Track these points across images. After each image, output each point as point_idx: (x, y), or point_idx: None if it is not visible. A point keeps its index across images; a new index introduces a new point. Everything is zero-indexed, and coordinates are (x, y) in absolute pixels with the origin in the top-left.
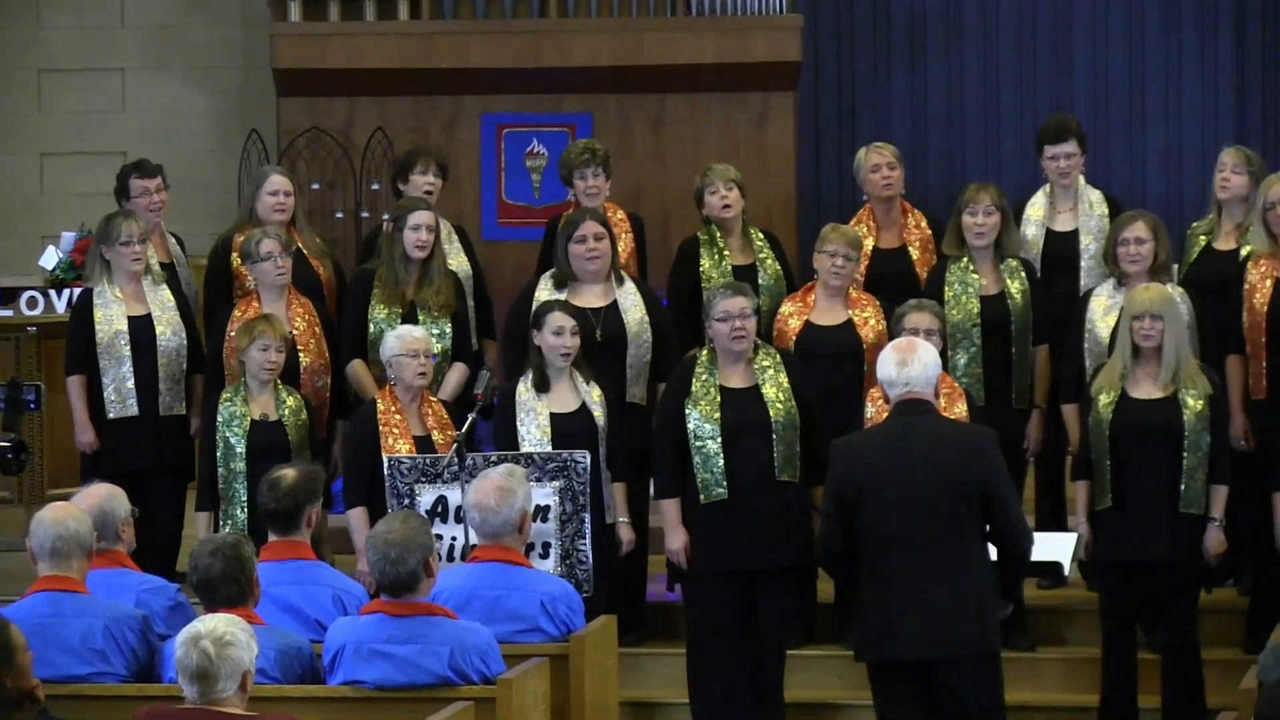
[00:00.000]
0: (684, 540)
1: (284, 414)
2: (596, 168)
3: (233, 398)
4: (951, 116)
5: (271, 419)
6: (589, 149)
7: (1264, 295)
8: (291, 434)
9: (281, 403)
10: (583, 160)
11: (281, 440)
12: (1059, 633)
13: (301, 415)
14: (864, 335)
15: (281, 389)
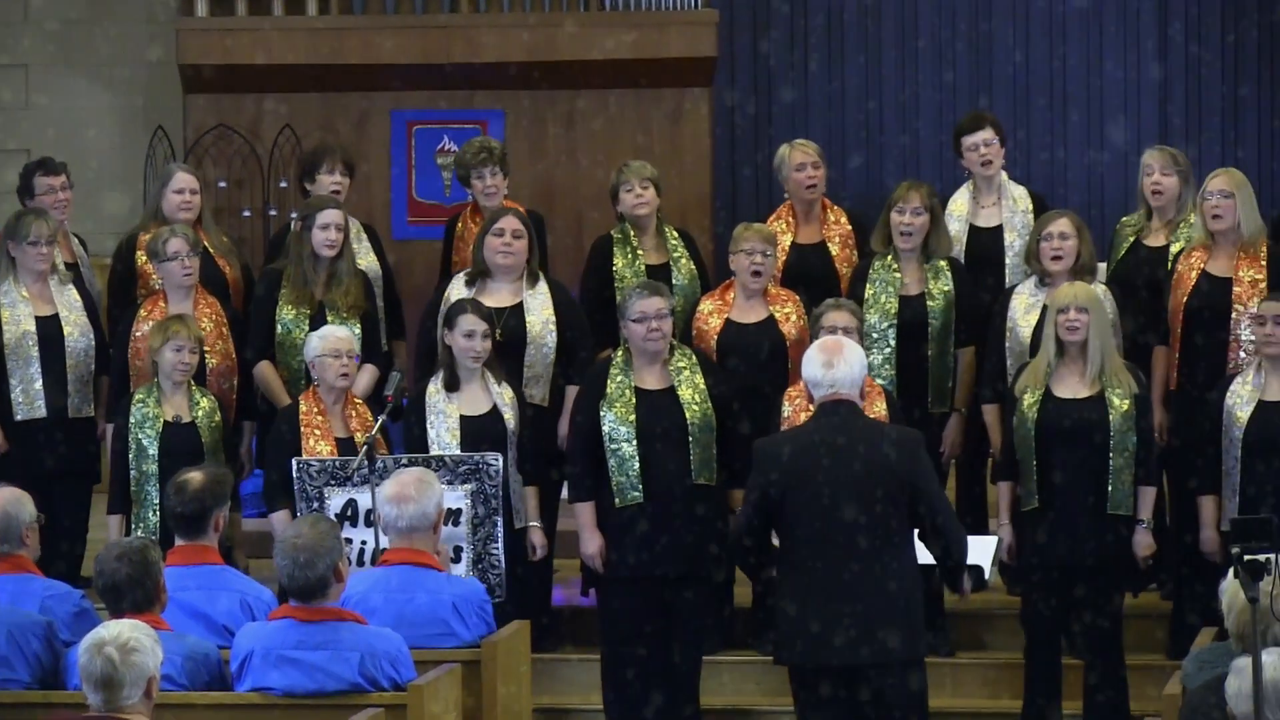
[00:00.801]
0: (599, 545)
1: (198, 415)
2: (494, 167)
3: (145, 399)
4: (869, 113)
5: (185, 421)
6: (485, 148)
7: (1186, 287)
8: (205, 436)
9: (195, 404)
10: (479, 159)
11: (195, 442)
12: (979, 637)
13: (215, 417)
14: (785, 332)
15: (195, 390)
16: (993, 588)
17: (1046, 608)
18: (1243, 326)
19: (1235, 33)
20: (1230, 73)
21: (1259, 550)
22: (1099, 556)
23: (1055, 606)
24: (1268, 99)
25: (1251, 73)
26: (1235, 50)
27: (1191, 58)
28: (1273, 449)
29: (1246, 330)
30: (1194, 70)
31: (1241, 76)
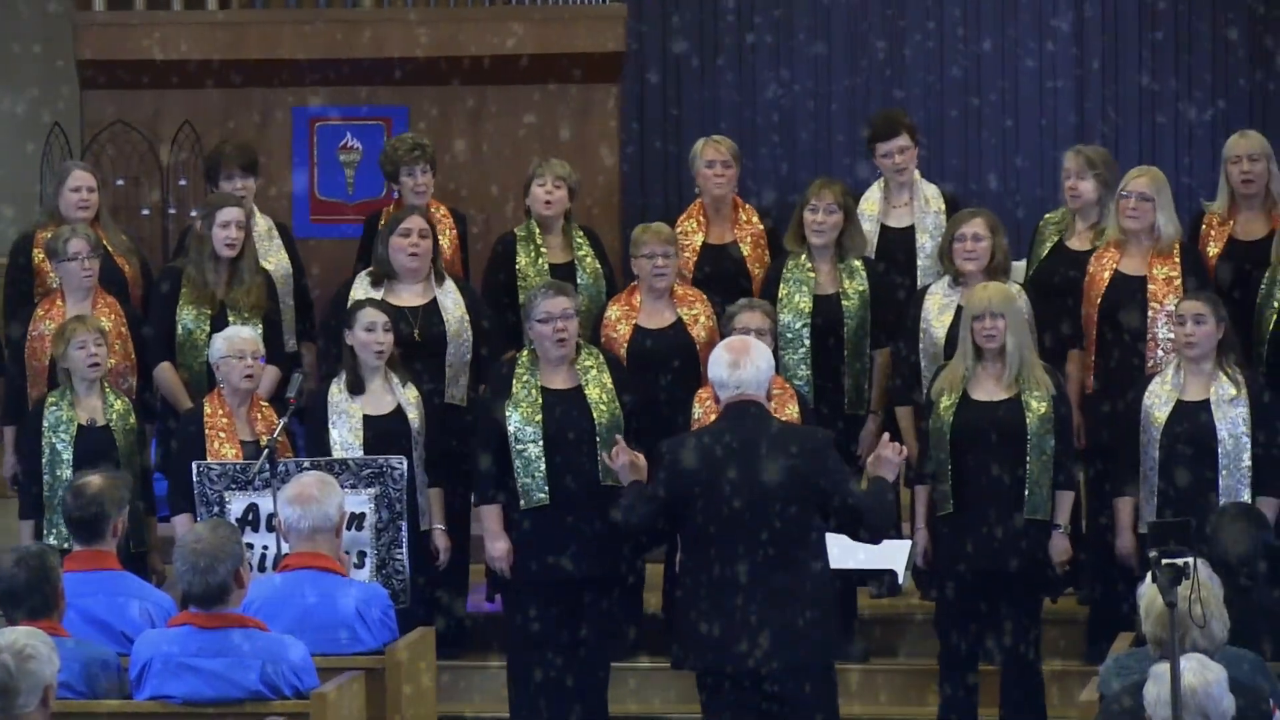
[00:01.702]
0: (505, 548)
1: (112, 418)
2: (425, 165)
3: (59, 402)
4: (781, 109)
5: (99, 424)
6: (418, 145)
7: (1100, 287)
8: (120, 439)
9: (109, 406)
10: (412, 157)
11: (109, 446)
12: (893, 643)
13: (130, 420)
14: (695, 335)
15: (109, 392)
16: (907, 593)
17: (962, 613)
18: (1159, 325)
19: (1153, 27)
20: (1148, 66)
21: (1177, 554)
22: (1015, 561)
23: (971, 612)
24: (1185, 92)
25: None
26: (1153, 45)
27: (1108, 52)
28: (1191, 450)
29: (1164, 329)
30: (1110, 65)
31: (1159, 70)
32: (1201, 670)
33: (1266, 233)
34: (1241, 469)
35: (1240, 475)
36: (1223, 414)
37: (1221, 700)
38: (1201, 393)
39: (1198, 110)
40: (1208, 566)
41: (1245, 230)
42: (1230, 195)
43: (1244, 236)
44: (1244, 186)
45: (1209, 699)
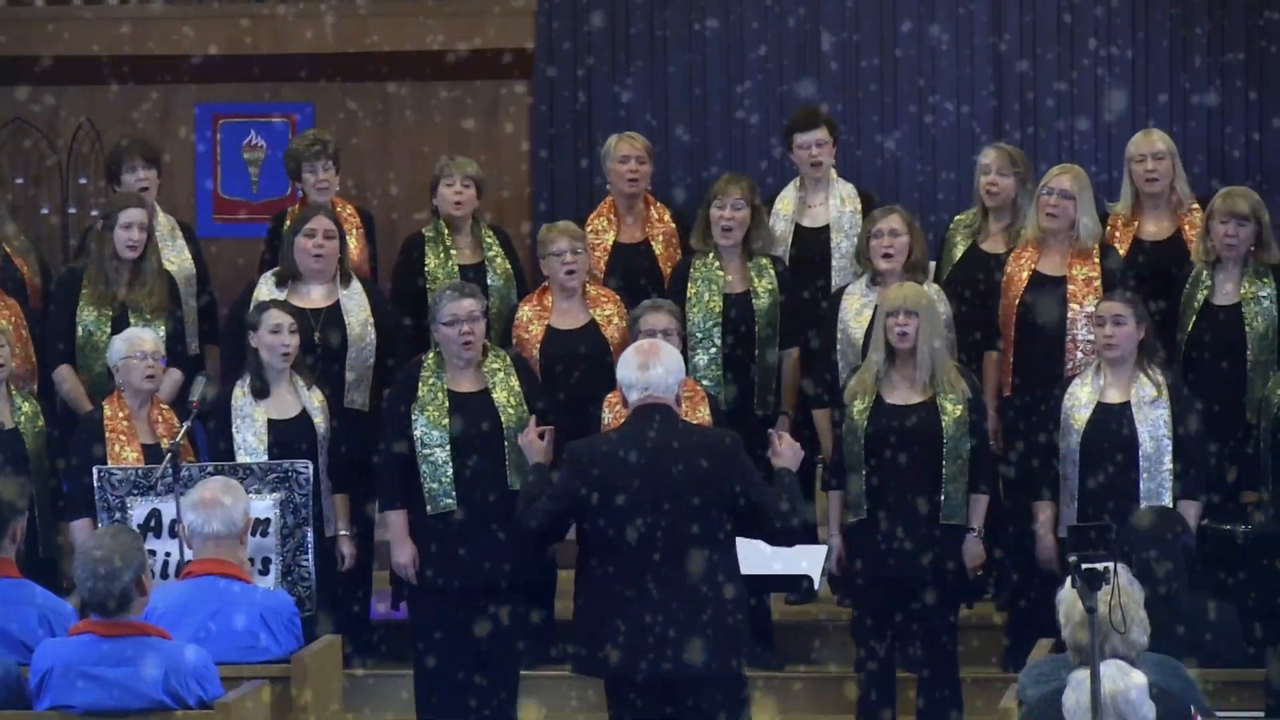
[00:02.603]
0: (411, 554)
1: (20, 421)
2: (327, 161)
3: None
4: (694, 106)
5: (8, 426)
6: (319, 140)
7: (1018, 288)
8: (29, 443)
9: (17, 409)
10: (313, 153)
11: (19, 450)
12: (808, 650)
13: (39, 423)
14: (609, 335)
15: (16, 394)
16: (822, 599)
17: (877, 619)
18: (1079, 327)
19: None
20: (1066, 52)
21: (1097, 558)
22: (931, 566)
23: (886, 618)
24: (1104, 85)
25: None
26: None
27: (1026, 47)
28: (1112, 452)
29: (1083, 330)
30: (1029, 55)
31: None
32: (1121, 676)
33: (1172, 232)
34: (1162, 472)
35: (1161, 478)
36: (1144, 416)
37: (1141, 706)
38: (1122, 395)
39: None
40: (1128, 571)
41: (1150, 230)
42: (1134, 195)
43: (1149, 237)
44: (1148, 185)
45: (1128, 705)
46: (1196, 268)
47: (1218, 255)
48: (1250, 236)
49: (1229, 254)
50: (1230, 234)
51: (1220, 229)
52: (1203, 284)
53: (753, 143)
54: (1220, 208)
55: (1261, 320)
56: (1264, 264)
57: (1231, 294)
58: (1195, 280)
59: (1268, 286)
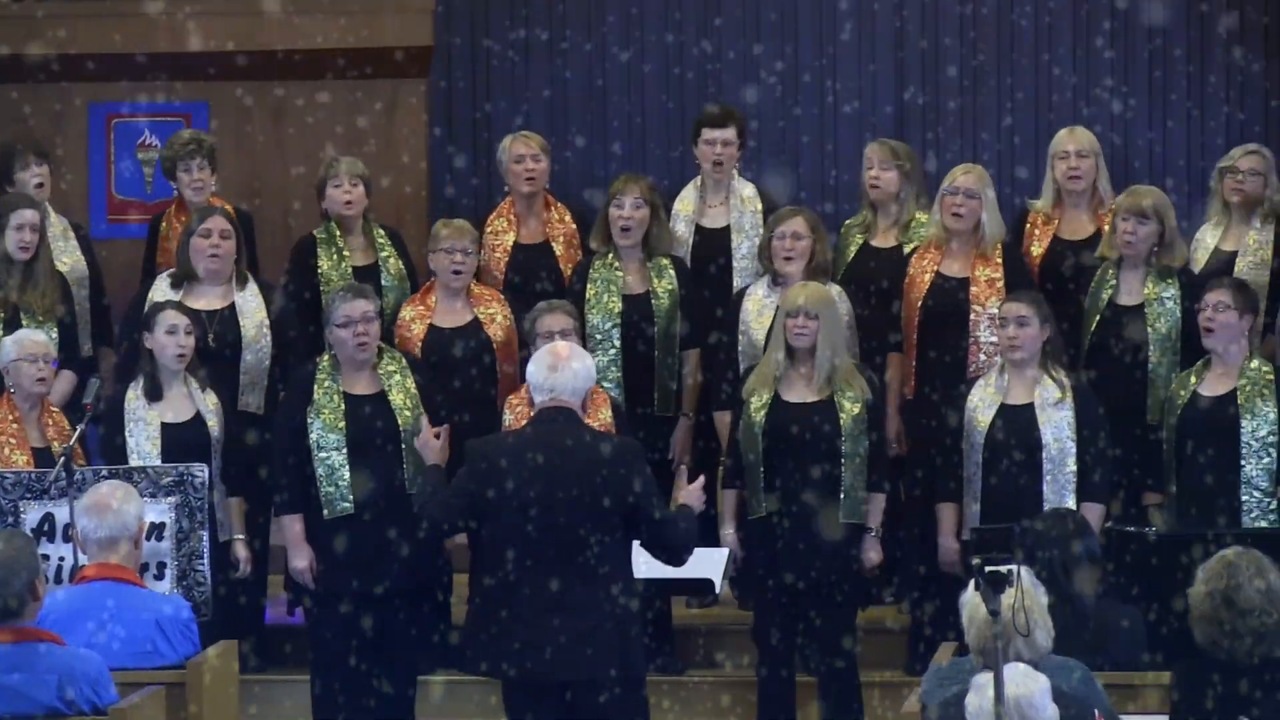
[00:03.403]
0: (308, 558)
1: None
2: (202, 160)
3: None
4: (594, 105)
5: None
6: (195, 139)
7: (921, 289)
8: None
9: None
10: (188, 152)
11: None
12: (710, 654)
13: None
14: (492, 334)
15: None
16: (724, 602)
17: (778, 621)
18: (982, 328)
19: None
20: (969, 49)
21: (1000, 561)
22: (829, 567)
23: (787, 620)
24: (1006, 82)
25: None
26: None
27: (929, 45)
28: (1015, 454)
29: (986, 332)
30: (930, 56)
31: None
32: (1025, 680)
33: (1092, 232)
34: (1066, 474)
35: (1065, 480)
36: (1047, 418)
37: (1044, 710)
38: (1025, 396)
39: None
40: (1031, 574)
41: (1070, 229)
42: (1056, 193)
43: (1069, 235)
44: (1071, 183)
45: (1032, 708)
46: (1102, 267)
47: (1120, 254)
48: (1151, 236)
49: (1128, 251)
50: (1130, 231)
51: (1122, 226)
52: (1107, 284)
53: (653, 145)
54: (1123, 205)
55: (1164, 321)
56: (1167, 266)
57: (1136, 294)
58: (1100, 280)
59: (1171, 288)
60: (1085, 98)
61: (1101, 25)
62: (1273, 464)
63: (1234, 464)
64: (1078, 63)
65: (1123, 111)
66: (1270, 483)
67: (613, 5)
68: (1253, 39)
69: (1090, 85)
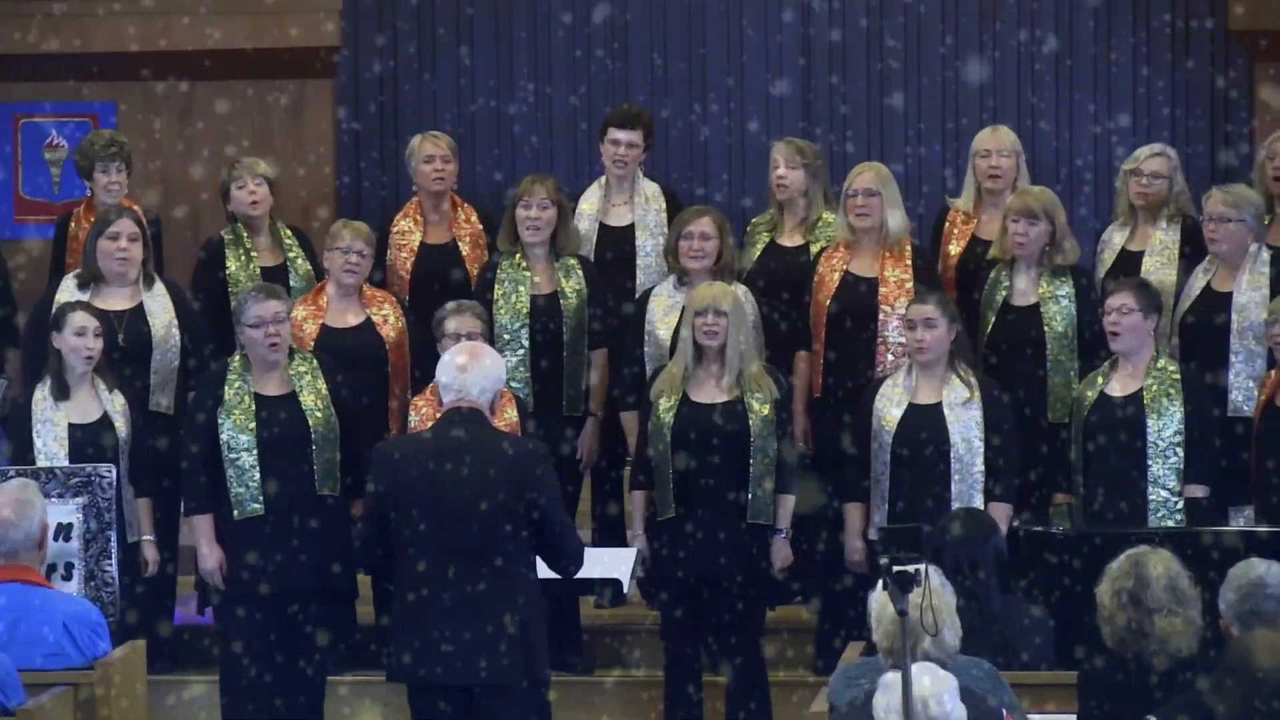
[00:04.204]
0: (218, 559)
1: None
2: (120, 163)
3: None
4: (501, 106)
5: None
6: (114, 141)
7: (829, 289)
8: None
9: None
10: (108, 154)
11: None
12: (618, 654)
13: None
14: (385, 335)
15: None
16: (632, 602)
17: (685, 621)
18: (890, 328)
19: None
20: (876, 46)
21: (908, 560)
22: (737, 567)
23: (694, 620)
24: (914, 79)
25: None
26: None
27: (835, 45)
28: (923, 454)
29: (894, 332)
30: (837, 58)
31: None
32: (932, 679)
33: None
34: (974, 474)
35: (973, 480)
36: (955, 418)
37: (952, 709)
38: (934, 396)
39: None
40: (940, 574)
41: (990, 229)
42: (976, 191)
43: (988, 235)
44: (991, 182)
45: (940, 708)
46: (996, 268)
47: (1013, 255)
48: (1043, 236)
49: (1021, 252)
50: (1020, 233)
51: (1012, 228)
52: (1001, 284)
53: (560, 142)
54: (1013, 207)
55: (1060, 320)
56: (1060, 264)
57: (1030, 294)
58: (994, 281)
59: (1066, 285)
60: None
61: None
62: (1180, 463)
63: (1141, 464)
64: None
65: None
66: (1177, 482)
67: (520, 6)
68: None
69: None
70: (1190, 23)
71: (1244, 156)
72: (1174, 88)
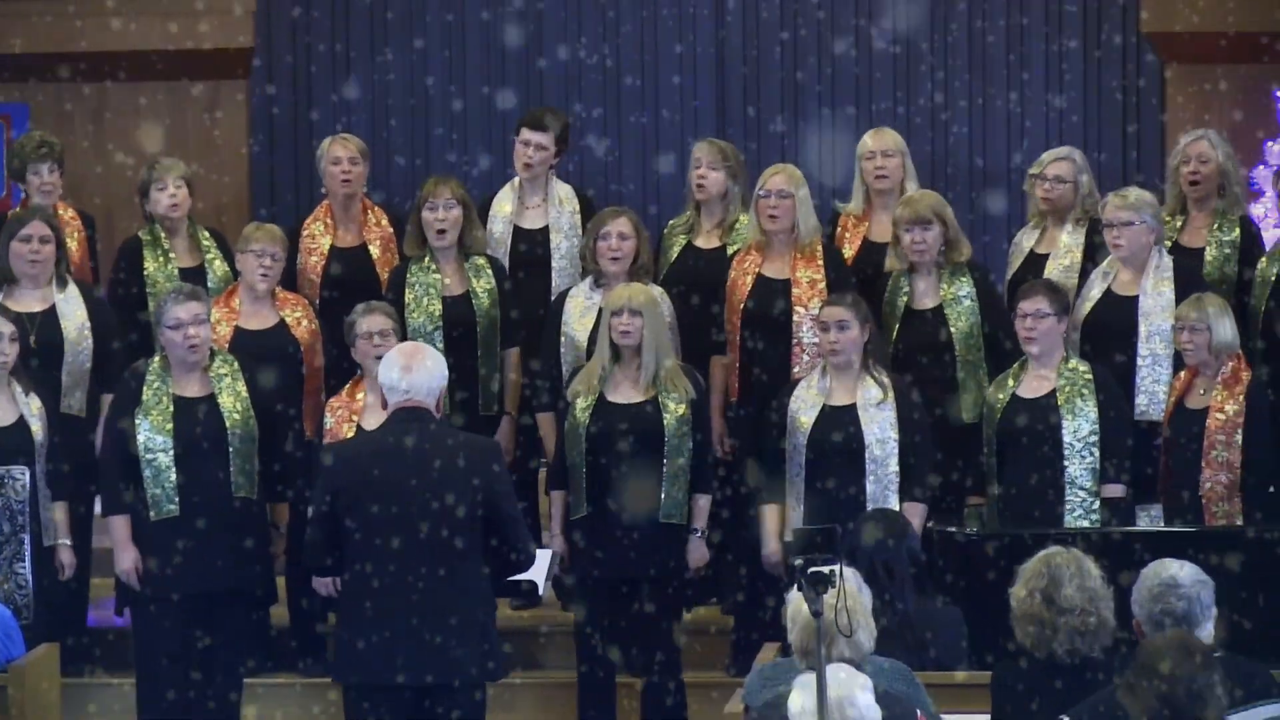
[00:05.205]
0: (134, 560)
1: None
2: (53, 163)
3: None
4: (414, 108)
5: None
6: (44, 142)
7: (743, 291)
8: None
9: None
10: (40, 155)
11: None
12: (533, 656)
13: None
14: (299, 336)
15: None
16: (547, 603)
17: (600, 622)
18: (805, 330)
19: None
20: (790, 56)
21: (822, 561)
22: (653, 567)
23: (610, 620)
24: (827, 83)
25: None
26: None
27: (749, 48)
28: (838, 455)
29: (809, 333)
30: (750, 58)
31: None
32: (847, 680)
33: None
34: (889, 474)
35: (888, 481)
36: (869, 418)
37: (867, 710)
38: (848, 397)
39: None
40: (857, 575)
41: (880, 231)
42: (865, 194)
43: (879, 237)
44: (878, 183)
45: (855, 709)
46: (894, 274)
47: (911, 264)
48: (938, 239)
49: (919, 259)
50: (917, 240)
51: (906, 237)
52: (901, 290)
53: (474, 144)
54: (903, 217)
55: (964, 320)
56: (957, 263)
57: (932, 297)
58: (895, 287)
59: (966, 285)
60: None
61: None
62: (1095, 463)
63: (1056, 464)
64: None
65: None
66: (1093, 482)
67: (433, 9)
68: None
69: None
70: (1101, 25)
71: (1155, 157)
72: (1085, 89)
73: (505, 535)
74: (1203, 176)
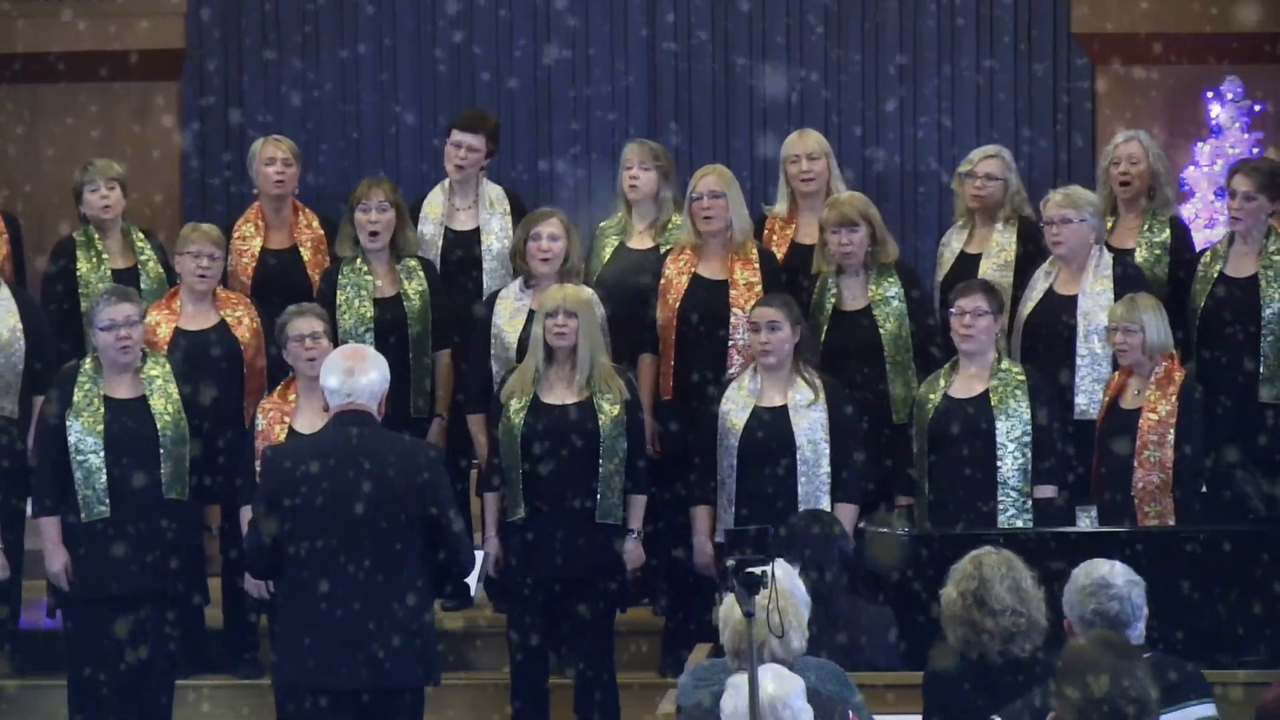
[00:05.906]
0: (64, 562)
1: None
2: None
3: None
4: (346, 109)
5: None
6: None
7: (678, 292)
8: None
9: None
10: None
11: None
12: (465, 658)
13: None
14: (240, 335)
15: None
16: (479, 604)
17: (534, 622)
18: (740, 331)
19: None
20: (720, 53)
21: (754, 562)
22: (586, 568)
23: (543, 620)
24: (761, 82)
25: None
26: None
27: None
28: (769, 455)
29: (744, 335)
30: (683, 58)
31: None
32: (780, 680)
33: None
34: (820, 475)
35: (819, 481)
36: (801, 419)
37: (800, 710)
38: (779, 398)
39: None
40: (793, 576)
41: (807, 233)
42: (791, 197)
43: (806, 240)
44: (804, 185)
45: (787, 709)
46: (822, 275)
47: (839, 265)
48: (865, 240)
49: (846, 262)
50: (844, 242)
51: (833, 240)
52: (829, 291)
53: (406, 146)
54: (829, 220)
55: (893, 320)
56: (884, 264)
57: (860, 298)
58: (822, 288)
59: (894, 285)
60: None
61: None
62: (1027, 464)
63: (989, 465)
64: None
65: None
66: (1025, 482)
67: (364, 10)
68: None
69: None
70: (1032, 25)
71: (1086, 158)
72: (1016, 88)
73: (447, 542)
74: (1133, 177)
